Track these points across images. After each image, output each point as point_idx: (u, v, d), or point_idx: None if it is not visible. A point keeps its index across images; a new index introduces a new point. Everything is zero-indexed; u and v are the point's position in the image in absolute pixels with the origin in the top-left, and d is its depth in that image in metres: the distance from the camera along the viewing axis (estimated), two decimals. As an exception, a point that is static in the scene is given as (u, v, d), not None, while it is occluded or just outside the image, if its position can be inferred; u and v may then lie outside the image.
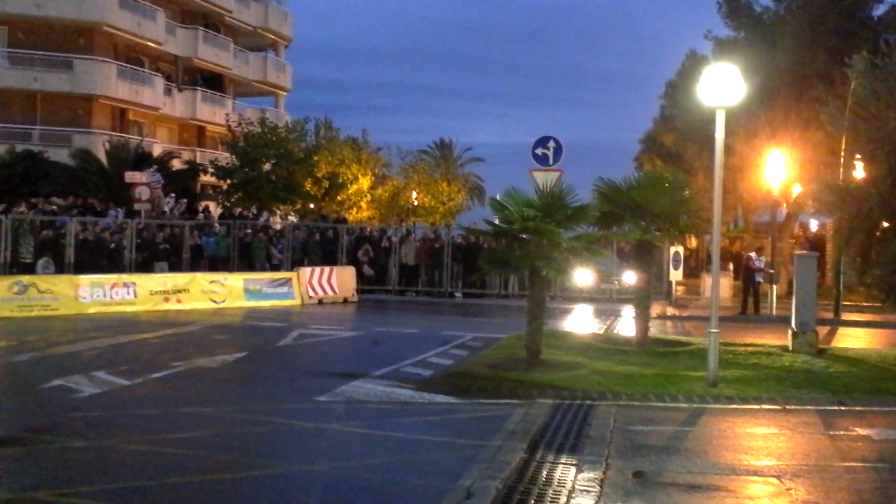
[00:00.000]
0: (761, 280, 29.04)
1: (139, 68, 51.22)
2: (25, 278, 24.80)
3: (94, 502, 7.88)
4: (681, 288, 35.96)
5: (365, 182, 53.28)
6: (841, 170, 25.14)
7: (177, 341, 19.30)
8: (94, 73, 47.72)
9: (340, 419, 11.69)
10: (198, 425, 11.15)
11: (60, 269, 28.06)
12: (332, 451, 10.09)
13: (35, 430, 10.82)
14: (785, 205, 38.02)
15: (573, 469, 9.07)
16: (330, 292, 29.84)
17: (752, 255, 29.95)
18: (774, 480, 8.95)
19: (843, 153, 25.09)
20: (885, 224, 19.44)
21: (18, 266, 28.25)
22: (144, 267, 29.89)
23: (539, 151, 19.56)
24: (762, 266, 29.14)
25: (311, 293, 29.35)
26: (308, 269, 30.04)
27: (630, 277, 25.37)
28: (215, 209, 43.77)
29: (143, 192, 34.20)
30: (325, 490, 8.44)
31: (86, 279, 25.45)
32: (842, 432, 11.39)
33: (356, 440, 10.69)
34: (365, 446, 10.38)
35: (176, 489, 8.35)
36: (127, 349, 17.73)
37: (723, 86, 13.84)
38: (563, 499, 8.03)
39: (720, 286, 15.90)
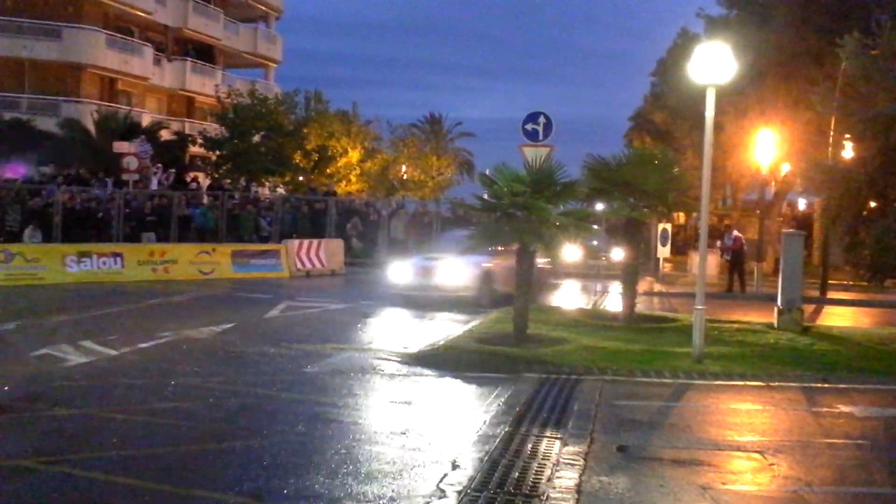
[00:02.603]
0: (727, 258, 29.30)
1: (129, 38, 50.93)
2: (12, 247, 24.73)
3: (81, 471, 7.89)
4: (668, 265, 36.09)
5: (354, 155, 53.24)
6: (830, 149, 25.20)
7: (164, 312, 19.30)
8: (83, 42, 47.44)
9: (326, 391, 11.72)
10: (184, 395, 11.17)
11: (48, 238, 27.99)
12: (317, 422, 10.10)
13: (21, 399, 10.82)
14: (773, 183, 38.15)
15: (558, 443, 9.12)
16: (318, 265, 29.85)
17: (734, 233, 29.96)
18: (758, 456, 9.02)
19: (832, 133, 25.14)
20: (873, 204, 19.54)
21: (5, 235, 28.17)
22: (132, 237, 29.84)
23: (529, 127, 19.52)
24: (728, 245, 29.28)
25: (300, 265, 29.35)
26: (296, 242, 30.02)
27: (618, 254, 25.47)
28: (204, 180, 43.67)
29: (131, 163, 34.10)
30: (312, 457, 8.47)
31: (73, 248, 25.39)
32: (825, 409, 11.47)
33: (340, 409, 10.71)
34: (349, 416, 10.39)
35: (162, 458, 8.37)
36: (114, 319, 17.71)
37: (714, 64, 13.82)
38: (548, 472, 8.08)
39: (707, 263, 15.95)
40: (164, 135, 45.01)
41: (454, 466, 8.10)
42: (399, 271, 22.06)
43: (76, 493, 7.37)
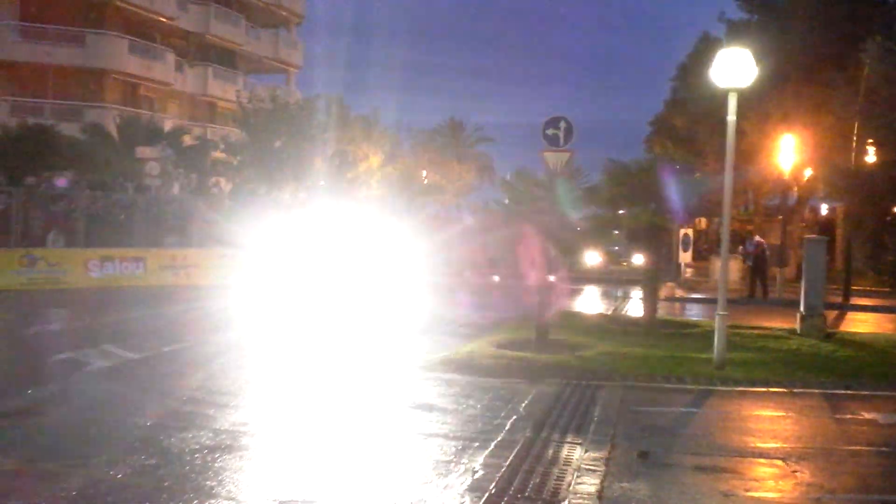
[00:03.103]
0: (749, 263, 29.10)
1: (151, 43, 51.16)
2: (36, 251, 24.90)
3: (103, 473, 7.94)
4: (690, 270, 35.94)
5: (375, 160, 53.27)
6: (853, 154, 25.07)
7: (186, 316, 19.38)
8: (105, 48, 47.70)
9: (348, 394, 11.74)
10: (206, 401, 11.19)
11: (70, 243, 28.15)
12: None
13: (44, 402, 10.90)
14: (796, 188, 37.90)
15: (579, 448, 9.10)
16: (340, 270, 29.84)
17: (756, 239, 29.82)
18: (780, 462, 8.97)
19: (854, 138, 25.00)
20: (896, 209, 19.43)
21: (29, 239, 28.34)
22: (154, 242, 29.94)
23: (550, 132, 19.48)
24: (750, 250, 29.12)
25: (322, 270, 29.33)
26: (318, 247, 29.99)
27: (639, 259, 25.39)
28: (226, 185, 43.81)
29: (153, 168, 34.25)
30: (331, 461, 8.48)
31: (95, 253, 25.54)
32: (848, 416, 11.40)
33: (361, 416, 10.72)
34: (368, 422, 10.40)
35: (182, 462, 8.40)
36: (136, 323, 17.81)
37: (735, 68, 13.79)
38: (569, 478, 8.07)
39: (729, 269, 15.88)
40: (186, 140, 45.16)
41: (475, 472, 8.10)
42: None
43: (100, 497, 7.40)
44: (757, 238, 29.88)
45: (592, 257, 27.86)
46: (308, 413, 10.78)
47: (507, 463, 8.43)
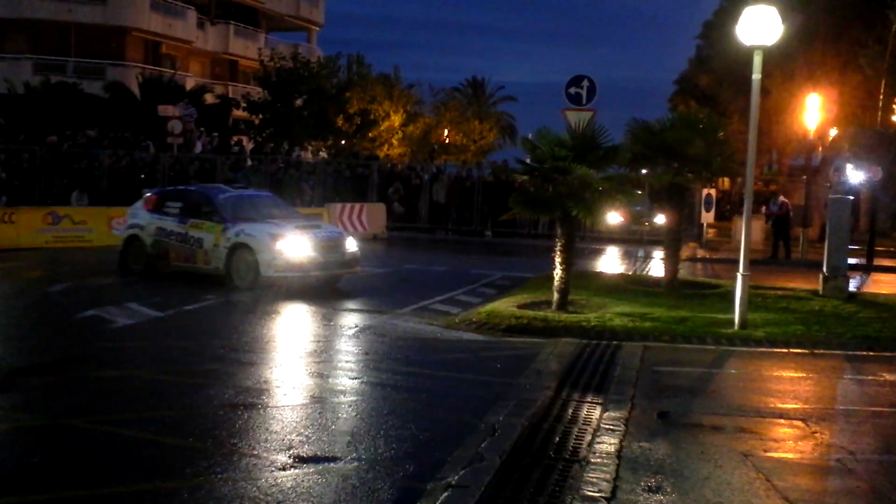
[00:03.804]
0: (771, 224, 28.86)
1: (172, 1, 51.05)
2: (60, 209, 25.06)
3: (127, 430, 8.04)
4: (712, 230, 35.74)
5: (396, 119, 53.22)
6: (879, 113, 24.76)
7: (206, 274, 19.47)
8: (127, 5, 47.69)
9: (370, 354, 11.81)
10: (229, 358, 11.29)
11: (94, 201, 28.31)
12: (366, 385, 10.20)
13: (69, 360, 11.02)
14: (820, 148, 37.58)
15: (598, 408, 9.12)
16: (360, 228, 29.93)
17: (781, 199, 29.57)
18: (800, 423, 8.96)
19: (881, 96, 24.69)
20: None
21: (52, 197, 28.54)
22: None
23: (572, 91, 19.34)
24: (773, 210, 28.90)
25: (342, 229, 29.43)
26: (339, 206, 30.09)
27: (661, 219, 25.28)
28: (247, 144, 43.88)
29: (175, 126, 34.30)
30: (353, 417, 8.55)
31: (119, 211, 25.63)
32: (870, 377, 11.38)
33: (383, 374, 10.79)
34: (391, 380, 10.47)
35: (206, 418, 8.48)
36: (160, 281, 17.92)
37: (761, 26, 13.62)
38: (588, 437, 8.10)
39: (752, 229, 15.79)
40: (208, 98, 45.24)
41: (494, 431, 8.14)
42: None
43: (124, 453, 7.50)
44: (781, 198, 29.65)
45: (614, 217, 27.69)
46: (325, 372, 10.85)
47: (527, 422, 8.46)
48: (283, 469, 7.12)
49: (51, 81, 41.94)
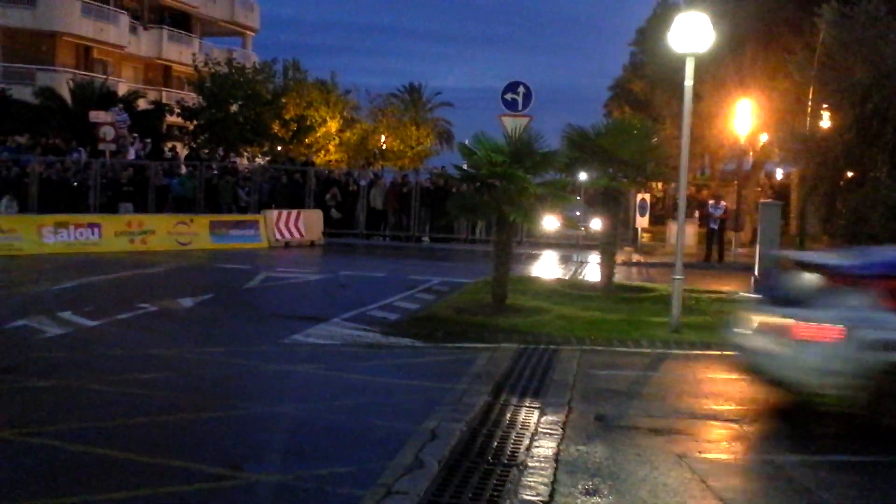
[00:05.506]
0: (714, 227, 29.16)
1: (104, 5, 50.26)
2: (-12, 218, 24.52)
3: (58, 441, 7.89)
4: (647, 235, 36.18)
5: (333, 125, 52.95)
6: (808, 119, 25.26)
7: (142, 282, 19.22)
8: (57, 9, 46.82)
9: (306, 361, 11.74)
10: (162, 366, 11.14)
11: (24, 208, 27.76)
12: (296, 392, 10.16)
13: (-2, 370, 10.78)
14: (751, 153, 38.22)
15: (536, 412, 9.18)
16: (297, 235, 29.76)
17: (710, 202, 30.02)
18: (733, 424, 9.11)
19: (810, 102, 25.19)
20: (850, 174, 19.66)
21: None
22: (109, 208, 29.58)
23: (509, 97, 19.47)
24: (716, 214, 29.28)
25: (278, 236, 29.24)
26: (275, 212, 29.89)
27: (597, 224, 25.53)
28: (182, 150, 43.35)
29: (107, 132, 33.75)
30: (289, 431, 8.50)
31: (50, 219, 25.18)
32: (800, 378, 11.56)
33: (321, 382, 10.75)
34: (330, 388, 10.43)
35: (140, 429, 8.37)
36: (91, 290, 17.63)
37: (693, 33, 13.84)
38: (527, 441, 8.14)
39: (685, 233, 16.01)
40: (141, 104, 44.54)
41: (433, 436, 8.14)
42: None
43: (55, 465, 7.36)
44: (724, 203, 30.13)
45: (551, 222, 27.86)
46: (246, 380, 10.76)
47: (466, 427, 8.48)
48: (221, 479, 7.05)
49: (-21, 87, 41.05)
